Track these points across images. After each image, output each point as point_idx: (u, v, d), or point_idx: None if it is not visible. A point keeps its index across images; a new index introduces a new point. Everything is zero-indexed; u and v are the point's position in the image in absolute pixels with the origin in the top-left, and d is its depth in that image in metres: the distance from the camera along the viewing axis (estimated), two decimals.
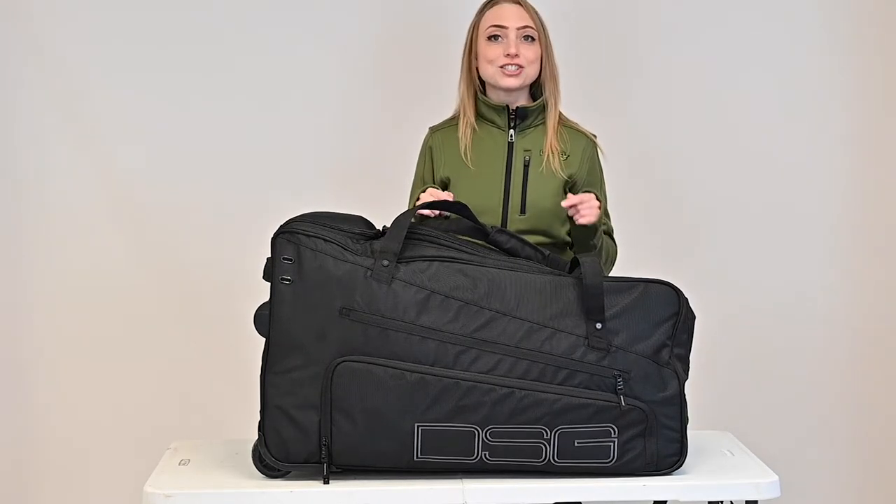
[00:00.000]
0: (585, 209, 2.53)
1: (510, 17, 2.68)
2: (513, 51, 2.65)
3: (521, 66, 2.66)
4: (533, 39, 2.68)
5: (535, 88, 2.75)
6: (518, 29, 2.67)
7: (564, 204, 2.54)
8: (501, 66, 2.66)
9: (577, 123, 2.75)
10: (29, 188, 3.44)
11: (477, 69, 2.72)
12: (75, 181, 3.43)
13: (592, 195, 2.56)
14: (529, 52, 2.67)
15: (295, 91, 3.46)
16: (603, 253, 2.67)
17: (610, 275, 2.67)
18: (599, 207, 2.55)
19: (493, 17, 2.69)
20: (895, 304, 3.55)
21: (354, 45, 3.47)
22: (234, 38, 3.45)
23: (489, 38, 2.68)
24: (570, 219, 2.58)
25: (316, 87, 3.47)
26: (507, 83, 2.66)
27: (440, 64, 2.94)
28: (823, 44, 3.50)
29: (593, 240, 2.61)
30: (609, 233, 2.75)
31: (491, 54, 2.68)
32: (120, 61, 3.42)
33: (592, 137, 2.75)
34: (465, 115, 2.72)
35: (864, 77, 3.50)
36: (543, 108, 2.71)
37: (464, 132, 2.70)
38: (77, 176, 3.43)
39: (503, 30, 2.67)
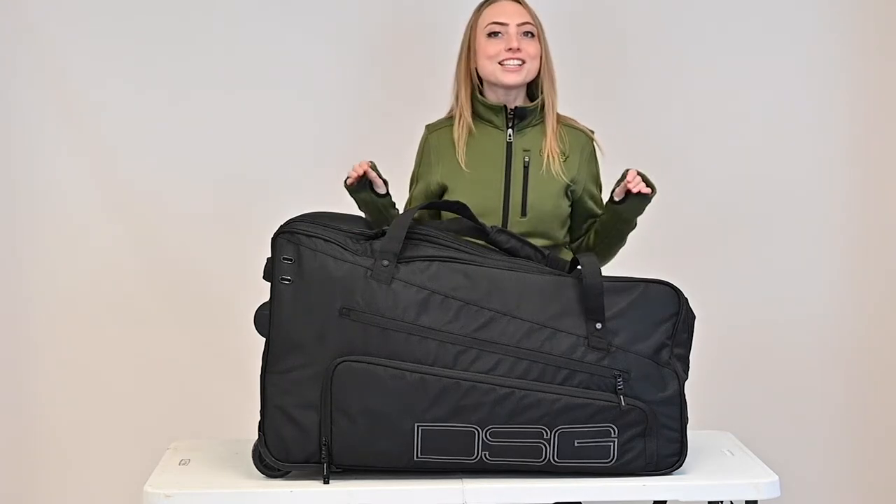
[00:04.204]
0: (638, 182, 2.56)
1: (510, 13, 2.68)
2: (514, 45, 2.65)
3: (523, 61, 2.66)
4: (533, 35, 2.68)
5: (532, 88, 2.74)
6: (519, 25, 2.67)
7: (630, 186, 2.56)
8: (502, 63, 2.66)
9: (574, 120, 2.75)
10: (27, 187, 3.44)
11: (475, 69, 2.72)
12: (74, 181, 3.43)
13: (632, 170, 2.59)
14: (531, 48, 2.67)
15: (295, 91, 3.46)
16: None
17: (610, 274, 2.67)
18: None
19: (492, 13, 2.69)
20: (895, 304, 3.55)
21: (355, 44, 3.47)
22: (234, 39, 3.45)
23: (489, 34, 2.68)
24: (618, 201, 2.60)
25: (316, 87, 3.47)
26: (509, 79, 2.66)
27: (441, 62, 2.94)
28: (825, 44, 3.50)
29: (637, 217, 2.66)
30: None
31: (491, 50, 2.67)
32: (119, 61, 3.42)
33: (590, 134, 2.75)
34: (461, 118, 2.71)
35: (865, 79, 3.50)
36: (541, 108, 2.71)
37: (460, 135, 2.70)
38: (76, 176, 3.43)
39: (504, 26, 2.67)
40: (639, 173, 2.59)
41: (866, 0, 3.48)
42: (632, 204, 2.61)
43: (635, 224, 2.69)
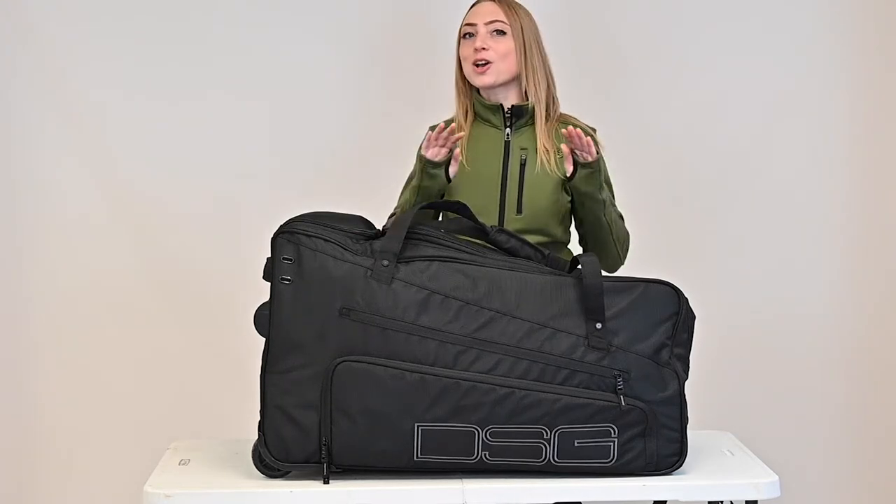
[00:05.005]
0: (583, 144, 2.55)
1: (482, 13, 2.70)
2: (478, 45, 2.67)
3: (488, 62, 2.66)
4: (503, 33, 2.69)
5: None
6: (486, 24, 2.68)
7: (565, 147, 2.57)
8: (473, 64, 2.67)
9: (575, 118, 2.76)
10: (27, 187, 3.44)
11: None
12: (74, 181, 3.43)
13: (579, 130, 2.56)
14: (500, 46, 2.68)
15: (295, 91, 3.47)
16: (611, 214, 2.67)
17: (610, 274, 2.68)
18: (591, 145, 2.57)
19: (468, 16, 2.74)
20: (895, 304, 3.55)
21: (355, 44, 3.47)
22: (234, 38, 3.45)
23: (463, 36, 2.72)
24: (571, 175, 2.60)
25: (316, 87, 3.47)
26: (480, 81, 2.68)
27: (441, 62, 2.94)
28: (825, 43, 3.50)
29: (603, 195, 2.63)
30: (620, 217, 2.74)
31: (465, 52, 2.71)
32: (119, 62, 3.43)
33: (591, 131, 2.75)
34: (457, 120, 2.74)
35: (866, 78, 3.50)
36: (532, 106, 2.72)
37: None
38: (76, 176, 3.43)
39: (474, 27, 2.70)
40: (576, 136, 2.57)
41: (866, 0, 3.48)
42: (581, 175, 2.59)
43: (601, 201, 2.64)
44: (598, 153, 2.60)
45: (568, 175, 2.63)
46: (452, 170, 2.66)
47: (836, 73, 3.50)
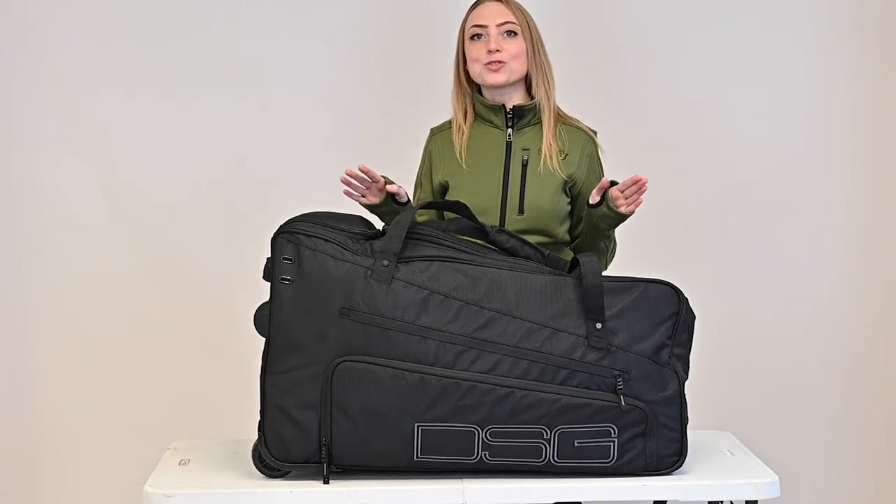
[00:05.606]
0: (637, 197, 2.52)
1: (490, 14, 2.70)
2: (493, 46, 2.66)
3: (502, 62, 2.66)
4: (515, 34, 2.69)
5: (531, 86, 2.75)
6: (498, 25, 2.68)
7: (620, 188, 2.51)
8: (487, 64, 2.67)
9: (576, 120, 2.76)
10: (27, 187, 3.44)
11: (467, 71, 2.73)
12: (74, 181, 3.43)
13: (646, 188, 2.52)
14: (512, 47, 2.68)
15: (295, 91, 3.47)
16: (611, 243, 2.69)
17: (610, 274, 2.68)
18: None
19: (475, 16, 2.72)
20: (895, 304, 3.55)
21: (355, 44, 3.47)
22: (234, 37, 3.45)
23: (472, 37, 2.71)
24: (595, 206, 2.58)
25: (316, 87, 3.47)
26: (493, 80, 2.67)
27: (442, 62, 2.94)
28: (825, 43, 3.50)
29: (612, 231, 2.63)
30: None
31: (475, 53, 2.69)
32: (119, 62, 3.43)
33: (591, 134, 2.75)
34: (456, 120, 2.73)
35: (866, 78, 3.50)
36: (539, 106, 2.72)
37: (457, 136, 2.72)
38: (76, 176, 3.43)
39: (484, 28, 2.69)
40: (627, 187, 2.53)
41: (866, 0, 3.48)
42: (602, 213, 2.57)
43: (609, 236, 2.65)
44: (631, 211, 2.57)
45: (591, 203, 2.60)
46: (400, 196, 2.62)
47: (836, 73, 3.50)
